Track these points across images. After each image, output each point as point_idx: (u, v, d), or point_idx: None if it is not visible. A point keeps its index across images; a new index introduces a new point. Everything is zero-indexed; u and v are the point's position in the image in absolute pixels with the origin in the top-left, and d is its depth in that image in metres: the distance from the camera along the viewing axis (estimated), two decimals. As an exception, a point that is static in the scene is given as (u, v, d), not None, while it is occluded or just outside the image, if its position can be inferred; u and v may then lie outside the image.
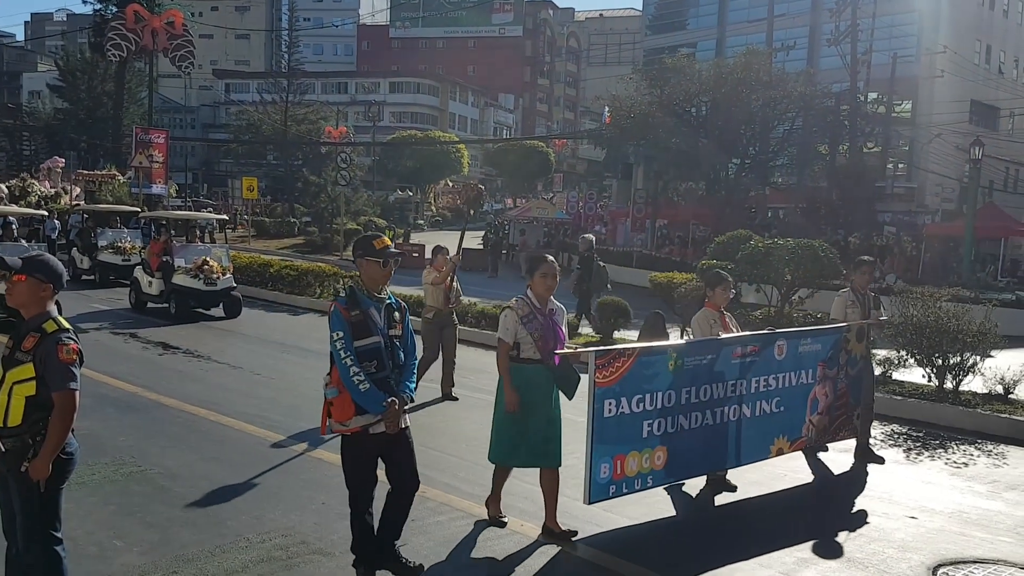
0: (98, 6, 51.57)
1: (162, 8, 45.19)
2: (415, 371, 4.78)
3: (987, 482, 7.35)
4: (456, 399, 9.65)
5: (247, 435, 7.86)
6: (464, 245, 9.53)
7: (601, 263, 14.92)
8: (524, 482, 6.73)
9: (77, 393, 3.75)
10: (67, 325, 3.84)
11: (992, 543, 5.86)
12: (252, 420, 8.36)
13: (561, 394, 5.56)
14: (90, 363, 4.39)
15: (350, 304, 4.56)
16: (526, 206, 42.77)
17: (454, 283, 9.88)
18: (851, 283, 8.11)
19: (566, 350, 5.49)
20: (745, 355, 6.31)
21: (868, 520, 6.29)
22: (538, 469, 5.61)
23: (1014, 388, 9.85)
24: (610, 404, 5.37)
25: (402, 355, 4.66)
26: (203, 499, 6.09)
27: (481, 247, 33.23)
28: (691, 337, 6.99)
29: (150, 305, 16.22)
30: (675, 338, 13.17)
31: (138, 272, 16.67)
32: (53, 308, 3.86)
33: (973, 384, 10.07)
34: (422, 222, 52.27)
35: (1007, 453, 8.35)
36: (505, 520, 5.73)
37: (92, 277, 20.20)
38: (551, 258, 5.64)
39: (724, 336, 6.47)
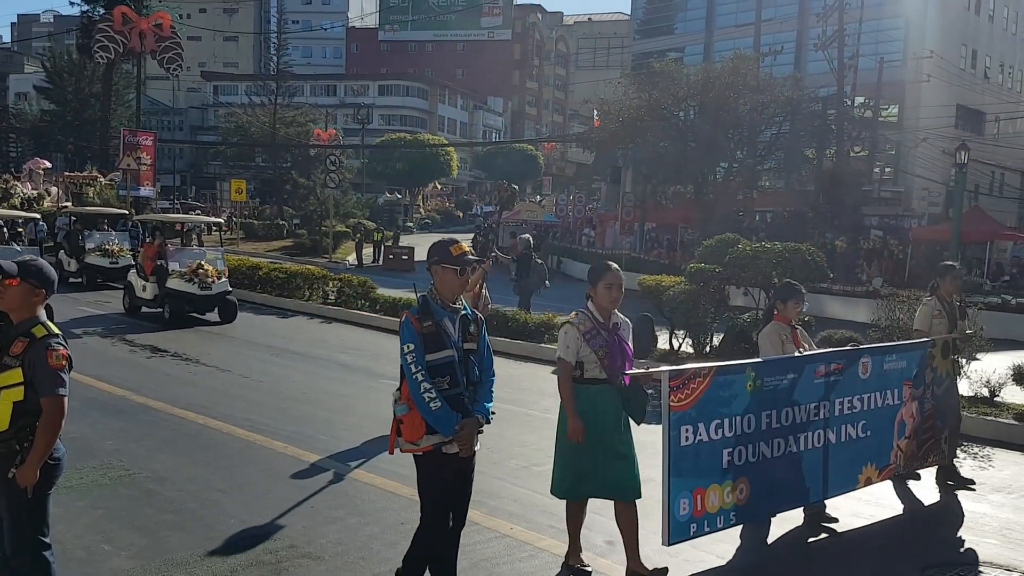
0: (85, 8, 51.33)
1: (150, 10, 45.00)
2: (492, 389, 4.37)
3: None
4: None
5: (235, 438, 7.84)
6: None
7: (539, 261, 16.31)
8: (512, 484, 6.74)
9: (66, 399, 3.72)
10: (56, 330, 3.81)
11: (978, 545, 5.90)
12: (240, 423, 8.34)
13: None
14: (77, 366, 4.37)
15: (423, 314, 4.20)
16: (515, 209, 42.81)
17: (483, 291, 9.36)
18: (936, 291, 7.32)
19: (636, 370, 4.92)
20: (828, 374, 5.74)
21: (855, 523, 6.33)
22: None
23: (1000, 391, 9.92)
24: (687, 431, 4.84)
25: (477, 371, 4.30)
26: (191, 502, 6.07)
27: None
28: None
29: (144, 310, 16.05)
30: (663, 340, 13.26)
31: (132, 276, 16.47)
32: (42, 313, 3.84)
33: (959, 387, 10.13)
34: (411, 224, 52.27)
35: (992, 456, 8.41)
36: (589, 569, 5.10)
37: (79, 280, 20.08)
38: (615, 265, 5.07)
39: (806, 353, 5.89)
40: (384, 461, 7.12)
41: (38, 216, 19.74)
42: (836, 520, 6.06)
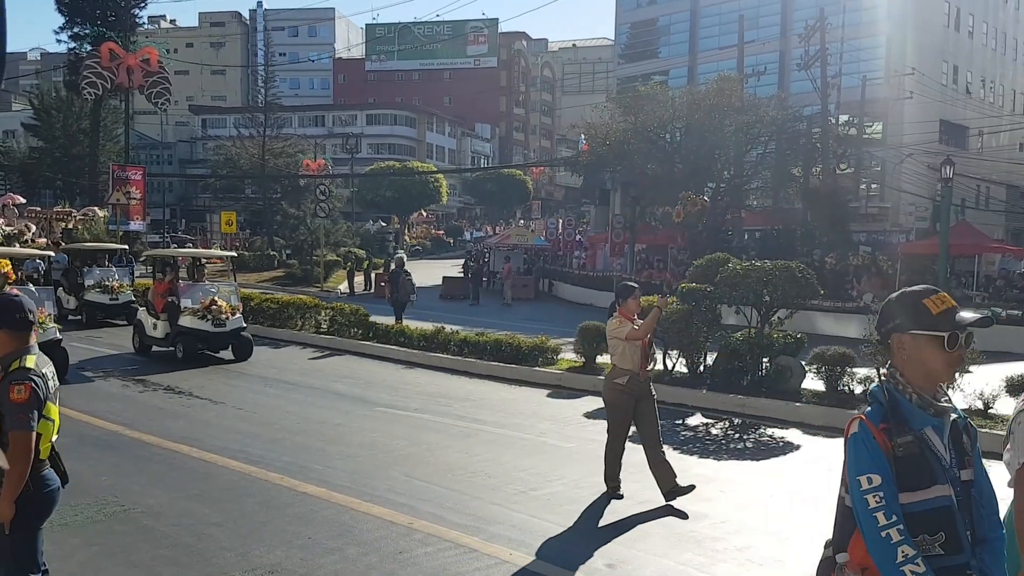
0: (72, 45, 51.53)
1: (137, 45, 45.24)
2: (1004, 552, 2.66)
3: (970, 497, 7.36)
4: (690, 488, 6.91)
5: (229, 471, 7.79)
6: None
7: (408, 276, 19.29)
8: (510, 510, 6.70)
9: (31, 435, 3.63)
10: (30, 364, 3.73)
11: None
12: (235, 455, 8.29)
13: None
14: (70, 402, 4.35)
15: (893, 421, 2.49)
16: (505, 233, 42.98)
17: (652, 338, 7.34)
18: None
19: None
20: None
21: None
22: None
23: (993, 403, 9.95)
24: None
25: (983, 518, 2.64)
26: (187, 537, 6.02)
27: (461, 275, 33.52)
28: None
29: (155, 349, 15.42)
30: (658, 361, 13.23)
31: (142, 315, 15.82)
32: (33, 347, 3.79)
33: (953, 400, 10.13)
34: (402, 252, 52.32)
35: (989, 468, 8.39)
36: None
37: (79, 317, 19.46)
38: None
39: None
40: (382, 490, 7.09)
41: (51, 253, 19.38)
42: None
